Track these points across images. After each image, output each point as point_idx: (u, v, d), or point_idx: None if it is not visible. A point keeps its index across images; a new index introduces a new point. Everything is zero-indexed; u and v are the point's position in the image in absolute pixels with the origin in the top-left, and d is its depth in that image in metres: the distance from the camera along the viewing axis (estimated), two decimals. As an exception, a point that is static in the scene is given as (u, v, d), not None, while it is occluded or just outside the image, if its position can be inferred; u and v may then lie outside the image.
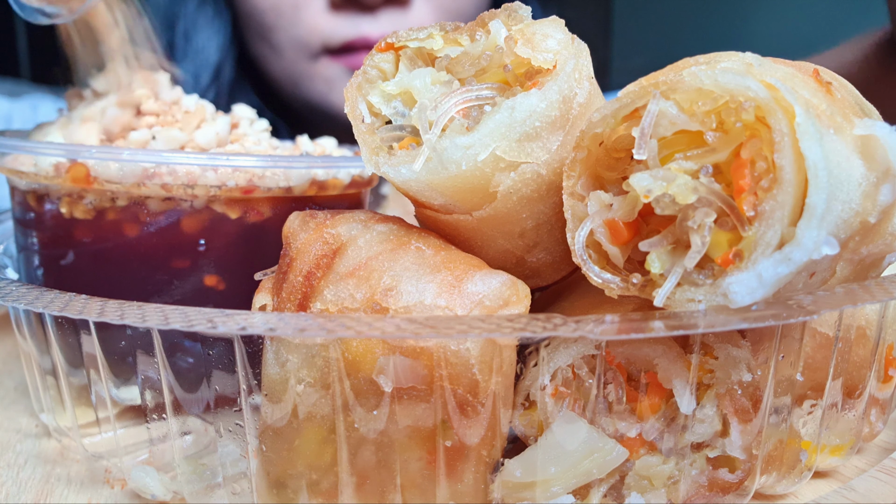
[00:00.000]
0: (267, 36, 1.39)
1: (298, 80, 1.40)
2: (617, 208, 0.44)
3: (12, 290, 0.50)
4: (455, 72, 0.49)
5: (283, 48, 1.38)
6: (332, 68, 1.36)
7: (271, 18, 1.36)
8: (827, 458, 0.55)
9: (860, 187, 0.41)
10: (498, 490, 0.48)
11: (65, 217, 0.63)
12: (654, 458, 0.48)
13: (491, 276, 0.46)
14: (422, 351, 0.44)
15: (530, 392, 0.49)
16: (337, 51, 1.34)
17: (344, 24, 1.32)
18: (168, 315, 0.43)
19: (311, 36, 1.33)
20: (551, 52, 0.48)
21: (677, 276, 0.42)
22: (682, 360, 0.47)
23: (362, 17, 1.32)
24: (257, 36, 1.42)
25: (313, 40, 1.34)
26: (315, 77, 1.37)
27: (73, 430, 0.59)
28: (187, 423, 0.51)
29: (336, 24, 1.32)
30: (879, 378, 0.57)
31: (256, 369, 0.47)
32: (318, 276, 0.48)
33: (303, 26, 1.33)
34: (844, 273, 0.50)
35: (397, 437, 0.45)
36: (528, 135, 0.46)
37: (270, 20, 1.36)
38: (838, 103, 0.46)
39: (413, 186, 0.48)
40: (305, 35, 1.34)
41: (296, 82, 1.41)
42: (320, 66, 1.36)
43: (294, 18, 1.34)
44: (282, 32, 1.36)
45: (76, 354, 0.58)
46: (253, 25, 1.41)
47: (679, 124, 0.42)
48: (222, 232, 0.63)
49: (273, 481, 0.48)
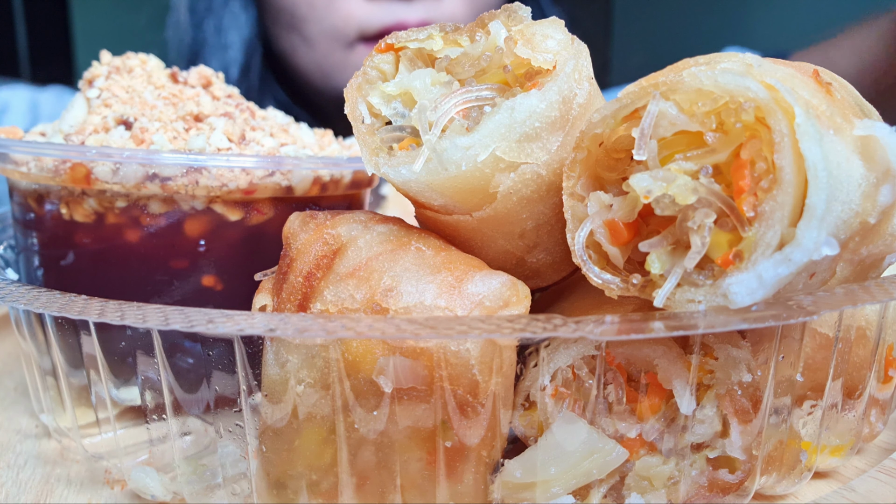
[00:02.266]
0: (299, 27, 1.41)
1: (331, 72, 1.42)
2: (617, 209, 0.44)
3: (12, 291, 0.50)
4: (455, 73, 0.49)
5: (316, 39, 1.40)
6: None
7: (304, 9, 1.39)
8: (827, 458, 0.55)
9: (860, 188, 0.41)
10: (498, 491, 0.48)
11: (65, 217, 0.63)
12: (654, 458, 0.48)
13: (491, 277, 0.46)
14: (422, 351, 0.44)
15: (530, 393, 0.49)
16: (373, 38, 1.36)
17: (380, 10, 1.35)
18: (168, 316, 0.43)
19: (346, 24, 1.36)
20: (551, 53, 0.47)
21: (677, 276, 0.42)
22: (682, 361, 0.47)
23: (397, 4, 1.35)
24: (287, 28, 1.44)
25: (349, 28, 1.36)
26: (349, 66, 1.39)
27: (73, 430, 0.59)
28: (187, 423, 0.51)
29: (372, 11, 1.35)
30: (879, 378, 0.57)
31: (256, 370, 0.47)
32: (319, 277, 0.48)
33: (338, 15, 1.36)
34: (844, 274, 0.50)
35: (397, 438, 0.45)
36: (527, 135, 0.46)
37: (303, 11, 1.39)
38: (838, 104, 0.46)
39: (413, 187, 0.48)
40: (340, 23, 1.36)
41: (327, 73, 1.43)
42: (356, 54, 1.39)
43: (329, 8, 1.36)
44: (314, 23, 1.38)
45: (76, 355, 0.58)
46: (283, 18, 1.43)
47: (679, 125, 0.42)
48: (223, 233, 0.63)
49: (273, 482, 0.48)
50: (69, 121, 0.68)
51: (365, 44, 1.38)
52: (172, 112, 0.67)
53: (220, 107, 0.70)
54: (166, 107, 0.67)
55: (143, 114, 0.66)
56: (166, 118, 0.66)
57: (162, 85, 0.71)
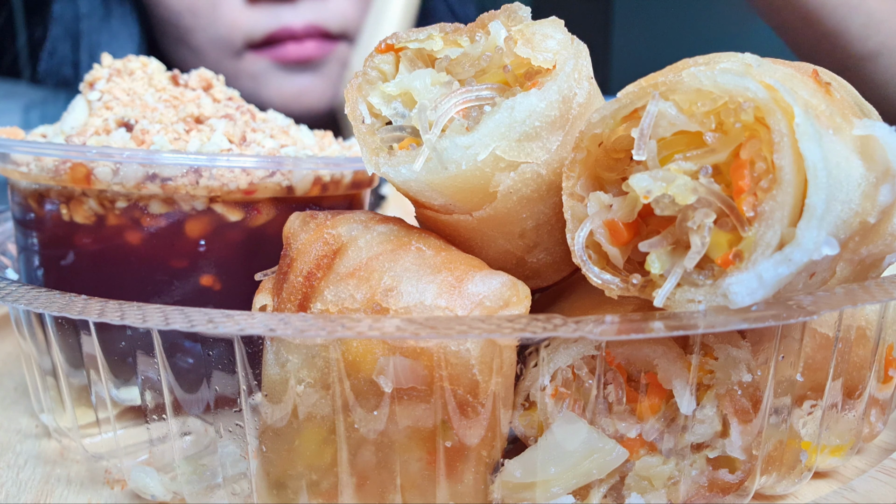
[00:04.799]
0: (186, 38, 1.37)
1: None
2: (616, 209, 0.44)
3: (12, 291, 0.50)
4: (455, 73, 0.49)
5: (204, 49, 1.36)
6: (258, 63, 1.34)
7: (188, 20, 1.34)
8: (827, 458, 0.55)
9: (859, 187, 0.41)
10: (498, 491, 0.48)
11: (65, 218, 0.63)
12: (654, 458, 0.48)
13: (491, 277, 0.46)
14: (422, 351, 0.44)
15: (530, 392, 0.49)
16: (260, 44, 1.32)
17: (264, 16, 1.31)
18: (168, 316, 0.43)
19: (231, 33, 1.32)
20: (551, 52, 0.48)
21: (677, 276, 0.42)
22: (681, 361, 0.47)
23: (281, 7, 1.30)
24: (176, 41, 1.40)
25: (234, 37, 1.32)
26: (241, 74, 1.35)
27: (73, 430, 0.60)
28: (187, 423, 0.51)
29: (256, 18, 1.31)
30: (879, 378, 0.57)
31: (256, 370, 0.47)
32: (319, 277, 0.48)
33: (221, 24, 1.31)
34: (844, 273, 0.50)
35: (397, 438, 0.45)
36: (527, 134, 0.46)
37: (187, 22, 1.34)
38: (837, 104, 0.46)
39: (413, 186, 0.48)
40: (225, 32, 1.32)
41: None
42: (245, 62, 1.34)
43: (211, 17, 1.32)
44: (200, 33, 1.34)
45: (76, 355, 0.58)
46: (170, 31, 1.39)
47: (678, 125, 0.42)
48: (223, 233, 0.63)
49: (273, 482, 0.48)
50: (70, 122, 0.68)
51: (253, 51, 1.34)
52: (173, 114, 0.67)
53: (220, 109, 0.70)
54: (167, 109, 0.68)
55: (143, 116, 0.66)
56: (167, 120, 0.66)
57: (163, 87, 0.71)
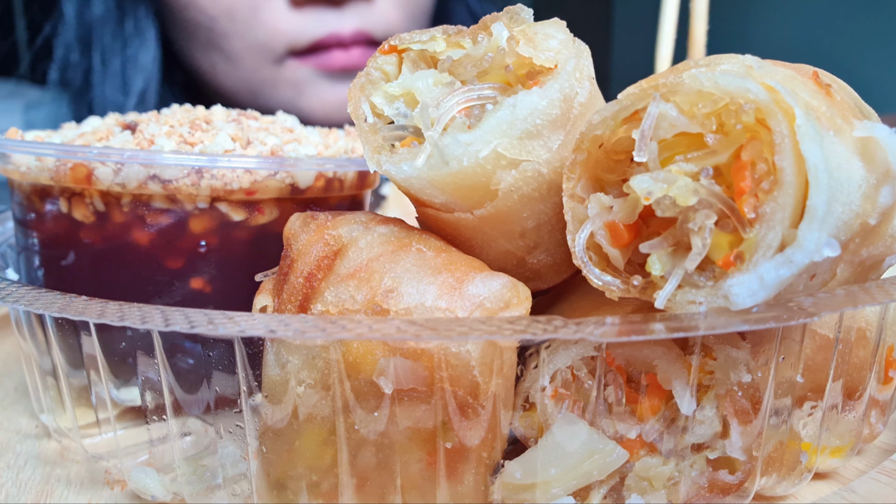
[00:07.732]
0: (219, 44, 1.27)
1: (259, 90, 1.29)
2: (617, 210, 0.44)
3: (12, 291, 0.50)
4: (457, 73, 0.49)
5: (240, 56, 1.26)
6: (301, 71, 1.25)
7: (224, 24, 1.24)
8: (827, 459, 0.55)
9: (860, 189, 0.41)
10: (498, 492, 0.48)
11: (66, 218, 0.63)
12: (654, 459, 0.48)
13: (492, 279, 0.46)
14: (422, 353, 0.44)
15: (530, 394, 0.49)
16: (304, 51, 1.24)
17: (310, 21, 1.22)
18: (168, 316, 0.43)
19: (273, 39, 1.23)
20: (552, 52, 0.48)
21: (678, 277, 0.42)
22: (681, 362, 0.47)
23: (328, 12, 1.22)
24: (205, 46, 1.30)
25: (276, 43, 1.23)
26: (280, 83, 1.27)
27: (73, 430, 0.59)
28: (187, 424, 0.51)
29: (301, 23, 1.22)
30: (879, 379, 0.57)
31: (257, 371, 0.47)
32: (319, 278, 0.48)
33: (263, 29, 1.22)
34: (845, 275, 0.50)
35: (397, 439, 0.45)
36: (529, 132, 0.46)
37: (223, 26, 1.24)
38: (838, 105, 0.46)
39: (415, 184, 0.48)
40: (266, 38, 1.23)
41: (256, 92, 1.29)
42: (286, 69, 1.26)
43: (252, 22, 1.22)
44: (237, 39, 1.25)
45: (76, 355, 0.58)
46: (200, 35, 1.29)
47: (679, 126, 0.42)
48: (225, 233, 0.63)
49: (273, 482, 0.48)
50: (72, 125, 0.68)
51: (296, 58, 1.25)
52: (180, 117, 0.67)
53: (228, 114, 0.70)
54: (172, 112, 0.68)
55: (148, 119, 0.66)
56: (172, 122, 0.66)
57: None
